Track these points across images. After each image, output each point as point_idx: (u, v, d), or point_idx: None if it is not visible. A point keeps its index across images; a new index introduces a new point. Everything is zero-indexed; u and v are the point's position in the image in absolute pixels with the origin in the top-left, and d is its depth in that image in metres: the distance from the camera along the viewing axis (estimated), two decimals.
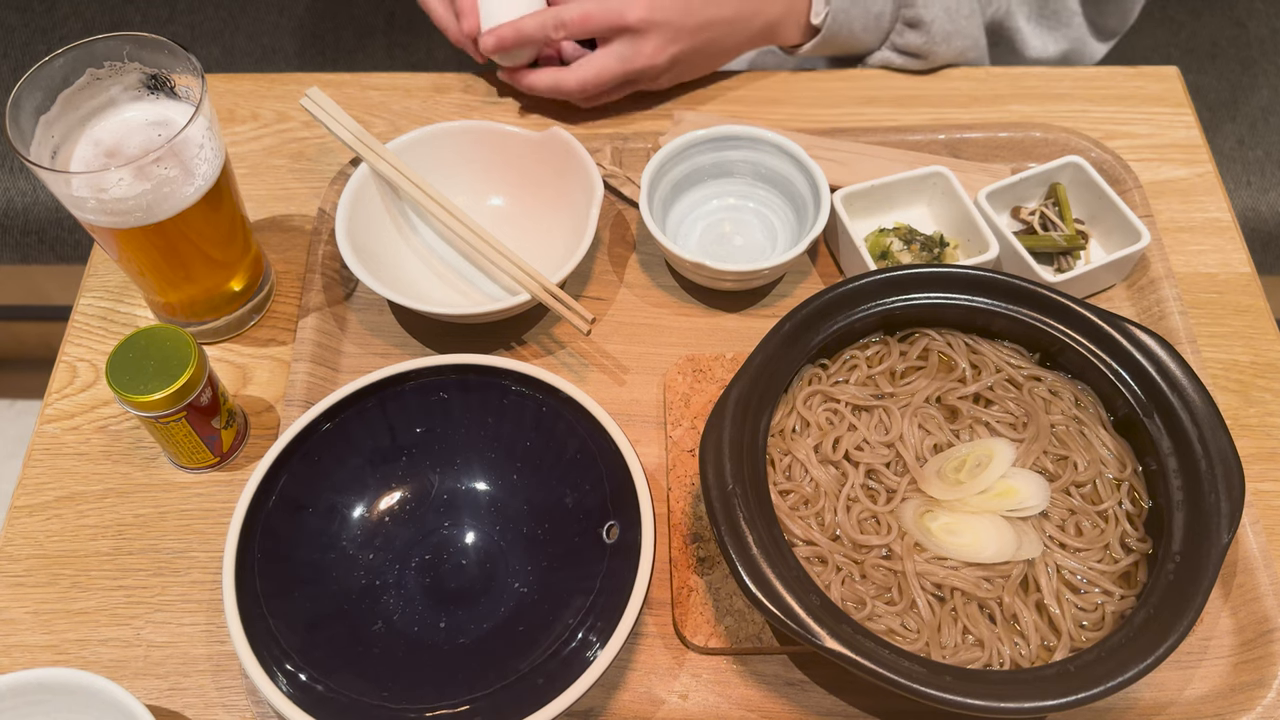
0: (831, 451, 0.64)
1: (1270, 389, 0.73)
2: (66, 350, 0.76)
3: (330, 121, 0.79)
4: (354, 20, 1.34)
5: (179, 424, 0.65)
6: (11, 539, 0.68)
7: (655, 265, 0.79)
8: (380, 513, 0.66)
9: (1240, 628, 0.64)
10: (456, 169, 0.80)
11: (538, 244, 0.78)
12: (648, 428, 0.72)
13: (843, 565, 0.60)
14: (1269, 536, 0.66)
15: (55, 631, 0.64)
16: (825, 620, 0.54)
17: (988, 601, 0.59)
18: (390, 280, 0.73)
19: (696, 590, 0.64)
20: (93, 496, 0.69)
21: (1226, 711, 0.61)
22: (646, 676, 0.62)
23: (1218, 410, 0.61)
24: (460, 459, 0.67)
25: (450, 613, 0.63)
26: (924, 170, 0.78)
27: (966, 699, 0.52)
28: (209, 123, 0.65)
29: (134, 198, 0.63)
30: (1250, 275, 0.79)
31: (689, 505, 0.67)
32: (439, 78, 0.90)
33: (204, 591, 0.66)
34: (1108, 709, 0.61)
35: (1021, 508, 0.61)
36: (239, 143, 0.86)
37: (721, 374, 0.72)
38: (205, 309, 0.74)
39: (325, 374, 0.74)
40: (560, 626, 0.60)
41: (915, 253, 0.76)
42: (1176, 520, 0.59)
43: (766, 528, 0.58)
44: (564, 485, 0.65)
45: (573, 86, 0.83)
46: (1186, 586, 0.56)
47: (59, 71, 0.65)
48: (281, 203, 0.83)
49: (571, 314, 0.71)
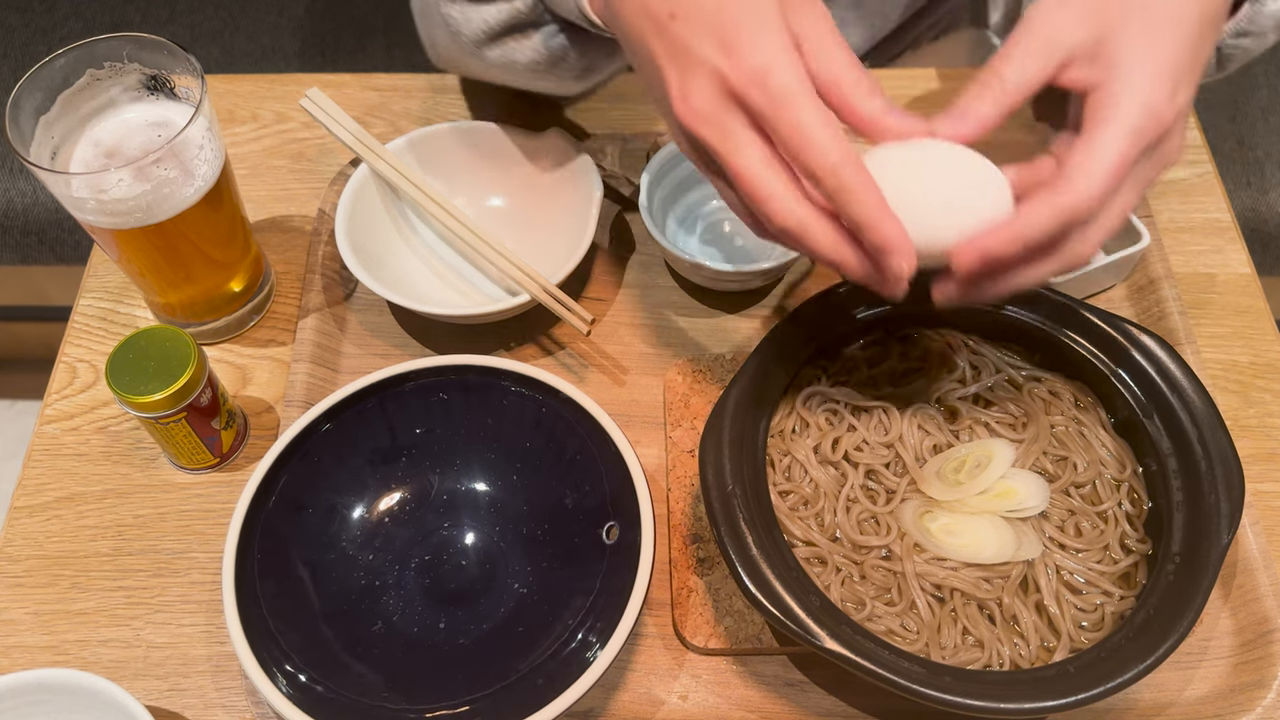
0: (831, 452, 0.64)
1: (1270, 390, 0.73)
2: (66, 351, 0.76)
3: (330, 122, 0.79)
4: (354, 20, 1.34)
5: (179, 425, 0.65)
6: (11, 539, 0.68)
7: (655, 265, 0.79)
8: (380, 513, 0.66)
9: (1240, 628, 0.64)
10: (456, 169, 0.80)
11: (538, 244, 0.78)
12: (648, 428, 0.72)
13: (842, 566, 0.60)
14: (1269, 537, 0.66)
15: (55, 632, 0.64)
16: (825, 621, 0.54)
17: (987, 602, 0.59)
18: (390, 281, 0.73)
19: (696, 591, 0.64)
20: (92, 497, 0.69)
21: (1226, 712, 0.61)
22: (646, 677, 0.62)
23: (1217, 411, 0.61)
24: (460, 459, 0.67)
25: (450, 613, 0.63)
26: None
27: (966, 699, 0.52)
28: (209, 123, 0.65)
29: (134, 198, 0.63)
30: (1250, 276, 0.79)
31: (689, 506, 0.67)
32: (439, 78, 0.90)
33: (204, 592, 0.66)
34: (1107, 709, 0.61)
35: (1021, 508, 0.61)
36: (239, 143, 0.86)
37: (721, 374, 0.72)
38: (205, 310, 0.74)
39: (325, 375, 0.74)
40: (560, 627, 0.60)
41: None
42: (1176, 521, 0.59)
43: (766, 528, 0.58)
44: (564, 486, 0.65)
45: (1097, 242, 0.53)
46: (1186, 587, 0.56)
47: (59, 72, 0.65)
48: (281, 203, 0.83)
49: (571, 314, 0.71)
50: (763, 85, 0.48)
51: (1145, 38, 0.52)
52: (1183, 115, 0.52)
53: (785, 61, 0.48)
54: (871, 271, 0.51)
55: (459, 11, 0.67)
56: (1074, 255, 0.52)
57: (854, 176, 0.48)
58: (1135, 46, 0.52)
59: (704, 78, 0.49)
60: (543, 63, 0.67)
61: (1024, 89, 0.53)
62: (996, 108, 0.52)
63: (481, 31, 0.67)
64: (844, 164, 0.48)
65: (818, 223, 0.50)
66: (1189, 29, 0.53)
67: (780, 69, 0.48)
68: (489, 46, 0.68)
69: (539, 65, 0.67)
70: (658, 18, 0.51)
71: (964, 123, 0.52)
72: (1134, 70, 0.51)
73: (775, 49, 0.49)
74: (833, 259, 0.51)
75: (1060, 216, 0.49)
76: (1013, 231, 0.49)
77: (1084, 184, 0.49)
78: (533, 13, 0.66)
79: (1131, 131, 0.50)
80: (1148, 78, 0.51)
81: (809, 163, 0.48)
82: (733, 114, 0.49)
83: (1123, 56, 0.52)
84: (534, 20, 0.66)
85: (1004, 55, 0.53)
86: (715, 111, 0.50)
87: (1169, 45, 0.52)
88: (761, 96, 0.48)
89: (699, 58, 0.50)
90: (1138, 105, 0.50)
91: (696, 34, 0.50)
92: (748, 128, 0.50)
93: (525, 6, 0.66)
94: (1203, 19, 0.54)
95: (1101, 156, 0.49)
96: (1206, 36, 0.55)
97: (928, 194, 0.51)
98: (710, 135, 0.50)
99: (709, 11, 0.50)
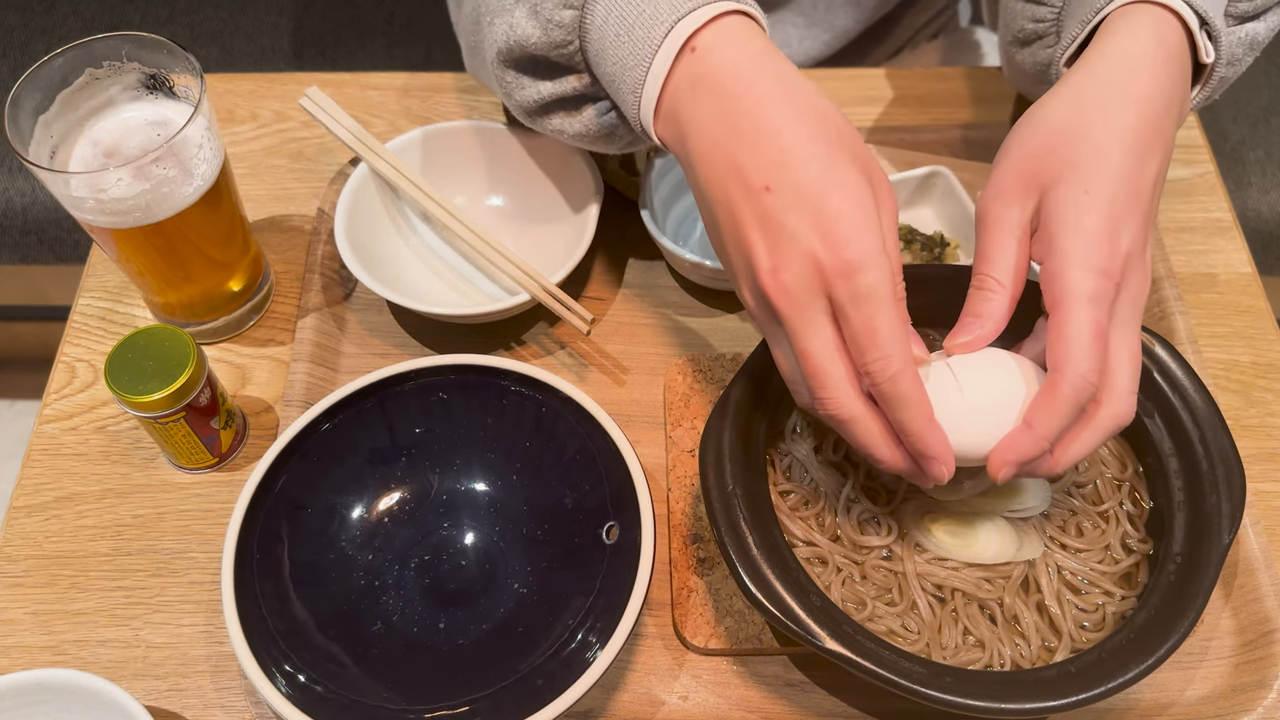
0: (832, 452, 0.63)
1: (1271, 389, 0.73)
2: (65, 350, 0.76)
3: (329, 121, 0.79)
4: (354, 20, 1.34)
5: (178, 424, 0.65)
6: (10, 539, 0.68)
7: (655, 265, 0.79)
8: (379, 513, 0.66)
9: (1241, 628, 0.64)
10: (456, 169, 0.80)
11: (537, 244, 0.78)
12: (648, 428, 0.72)
13: (843, 566, 0.60)
14: (1270, 537, 0.66)
15: (54, 632, 0.64)
16: (825, 621, 0.54)
17: (988, 602, 0.59)
18: (389, 280, 0.73)
19: (696, 591, 0.64)
20: (91, 497, 0.69)
21: (1227, 712, 0.61)
22: (646, 677, 0.62)
23: (1219, 410, 0.61)
24: (460, 459, 0.67)
25: (450, 613, 0.63)
26: (924, 170, 0.78)
27: (967, 700, 0.52)
28: (208, 122, 0.65)
29: (133, 198, 0.63)
30: (1251, 275, 0.79)
31: (689, 506, 0.67)
32: (439, 77, 0.90)
33: (203, 592, 0.66)
34: (1108, 710, 0.61)
35: (1023, 508, 0.61)
36: (238, 143, 0.86)
37: (721, 374, 0.72)
38: (204, 309, 0.74)
39: (324, 374, 0.74)
40: (560, 627, 0.60)
41: (916, 253, 0.76)
42: (1177, 521, 0.59)
43: (766, 528, 0.58)
44: (564, 486, 0.65)
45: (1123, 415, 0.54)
46: (1187, 587, 0.56)
47: (58, 71, 0.65)
48: (281, 203, 0.83)
49: (571, 314, 0.71)
50: (852, 280, 0.49)
51: (1072, 203, 0.53)
52: (1135, 252, 0.53)
53: (878, 263, 0.50)
54: (910, 469, 0.53)
55: (514, 79, 0.64)
56: (1114, 417, 0.53)
57: (910, 388, 0.50)
58: (1065, 216, 0.53)
59: (798, 258, 0.50)
60: (591, 135, 0.65)
61: (1018, 275, 0.55)
62: (1006, 302, 0.54)
63: (534, 102, 0.64)
64: (904, 373, 0.50)
65: (867, 419, 0.52)
66: (1123, 160, 0.53)
67: (872, 269, 0.50)
68: (539, 116, 0.65)
69: (586, 137, 0.65)
70: (752, 187, 0.51)
71: (983, 325, 0.54)
72: (1070, 239, 0.52)
73: (871, 249, 0.50)
74: (872, 453, 0.53)
75: (1066, 410, 0.51)
76: (1032, 437, 0.52)
77: (1073, 372, 0.50)
78: (589, 89, 0.63)
79: (1089, 301, 0.51)
80: (1084, 243, 0.52)
81: (871, 365, 0.50)
82: (818, 299, 0.51)
83: (1056, 228, 0.53)
84: (589, 95, 0.63)
85: (984, 259, 0.55)
86: (803, 292, 0.51)
87: (1100, 197, 0.53)
88: (847, 290, 0.50)
89: (793, 236, 0.50)
90: (1082, 273, 0.51)
91: (793, 212, 0.50)
92: (826, 314, 0.51)
93: (583, 85, 0.62)
94: (1140, 134, 0.54)
95: (1075, 340, 0.51)
96: (1155, 140, 0.55)
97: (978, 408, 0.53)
98: (791, 313, 0.51)
99: (809, 194, 0.50)
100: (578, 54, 0.61)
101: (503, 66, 0.64)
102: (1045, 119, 0.56)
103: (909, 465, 0.53)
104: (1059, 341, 0.51)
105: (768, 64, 0.54)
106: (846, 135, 0.53)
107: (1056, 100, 0.57)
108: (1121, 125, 0.54)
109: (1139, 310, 0.54)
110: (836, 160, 0.51)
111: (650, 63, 0.56)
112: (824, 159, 0.51)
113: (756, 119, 0.52)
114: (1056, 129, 0.55)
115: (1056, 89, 0.58)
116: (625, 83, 0.58)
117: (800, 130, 0.52)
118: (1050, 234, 0.53)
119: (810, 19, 0.94)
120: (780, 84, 0.53)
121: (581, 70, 0.62)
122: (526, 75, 0.64)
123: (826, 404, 0.52)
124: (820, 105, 0.53)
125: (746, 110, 0.53)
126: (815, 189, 0.50)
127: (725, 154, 0.53)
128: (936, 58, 1.07)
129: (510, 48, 0.62)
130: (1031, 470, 0.53)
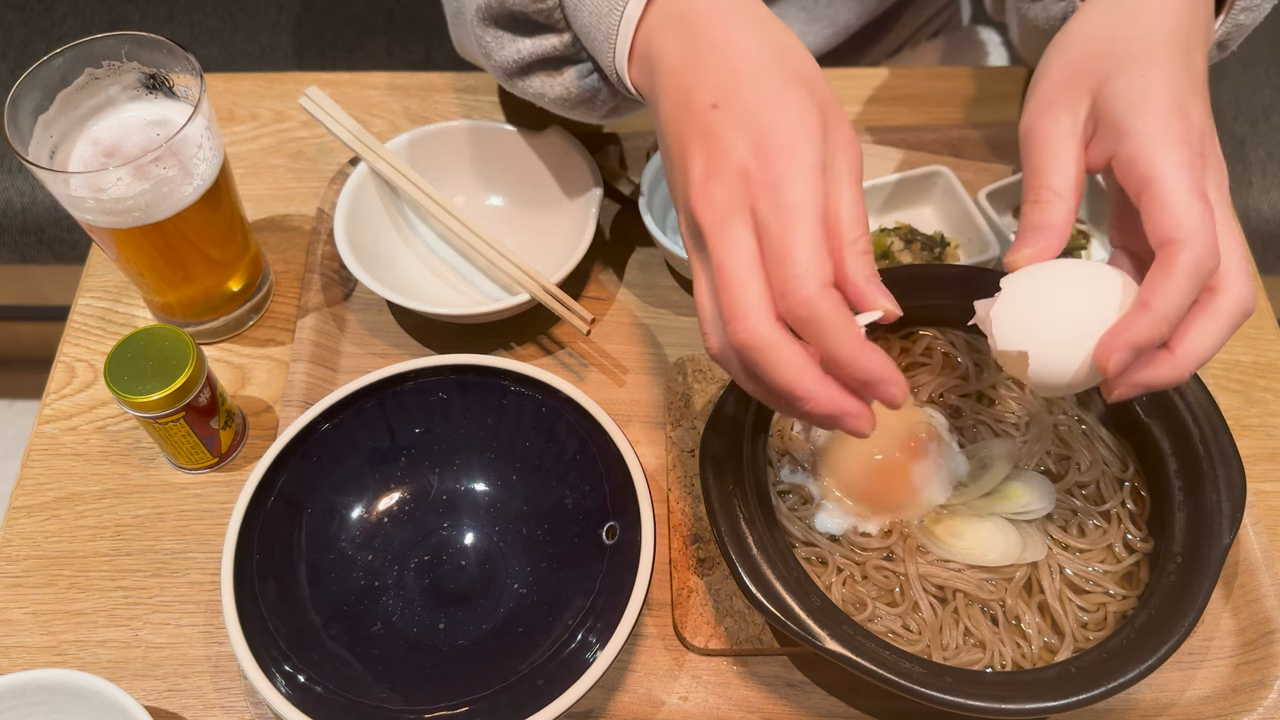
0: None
1: (1271, 389, 0.73)
2: (65, 350, 0.76)
3: (329, 121, 0.78)
4: (354, 20, 1.34)
5: (177, 424, 0.65)
6: (10, 540, 0.67)
7: (655, 265, 0.79)
8: (379, 513, 0.66)
9: (1242, 628, 0.63)
10: (456, 169, 0.80)
11: (537, 244, 0.78)
12: (648, 428, 0.72)
13: (844, 566, 0.60)
14: (1270, 537, 0.66)
15: (54, 632, 0.64)
16: (825, 621, 0.54)
17: (990, 603, 0.59)
18: (389, 280, 0.73)
19: (696, 591, 0.64)
20: (91, 497, 0.69)
21: (1228, 712, 0.60)
22: (646, 678, 0.62)
23: (1219, 410, 0.60)
24: (459, 459, 0.67)
25: (450, 614, 0.63)
26: (924, 170, 0.78)
27: (967, 700, 0.52)
28: (208, 122, 0.65)
29: (132, 197, 0.63)
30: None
31: (689, 506, 0.67)
32: (439, 77, 0.89)
33: (202, 592, 0.66)
34: (1109, 710, 0.61)
35: (1027, 511, 0.61)
36: (238, 142, 0.86)
37: (721, 374, 0.72)
38: (204, 309, 0.74)
39: (324, 374, 0.74)
40: (560, 627, 0.60)
41: (916, 252, 0.76)
42: (1178, 520, 0.59)
43: (766, 529, 0.58)
44: (563, 486, 0.65)
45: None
46: (1188, 587, 0.56)
47: (57, 71, 0.64)
48: (280, 202, 0.83)
49: (571, 314, 0.71)
50: (776, 192, 0.46)
51: (1133, 89, 0.51)
52: (1208, 131, 0.51)
53: (808, 180, 0.46)
54: (842, 408, 0.46)
55: (494, 38, 0.64)
56: (1237, 300, 0.48)
57: (831, 310, 0.45)
58: (1131, 100, 0.50)
59: (730, 169, 0.47)
60: (572, 99, 0.64)
61: (1076, 185, 0.52)
62: (1065, 213, 0.51)
63: (513, 62, 0.64)
64: (823, 296, 0.45)
65: (785, 345, 0.46)
66: (1173, 50, 0.52)
67: (800, 184, 0.46)
68: (519, 77, 0.65)
69: (567, 101, 0.65)
70: (697, 105, 0.49)
71: (1047, 237, 0.51)
72: (1143, 119, 0.49)
73: (804, 165, 0.46)
74: (795, 390, 0.46)
75: (1187, 284, 0.46)
76: (1150, 316, 0.46)
77: (1190, 239, 0.46)
78: (569, 49, 0.63)
79: (1184, 168, 0.48)
80: (1160, 118, 0.49)
81: (787, 283, 0.45)
82: (741, 211, 0.47)
83: (1124, 113, 0.50)
84: (569, 56, 0.63)
85: (1037, 172, 0.52)
86: (727, 203, 0.47)
87: (1161, 80, 0.51)
88: (770, 202, 0.46)
89: (730, 148, 0.48)
90: (1166, 145, 0.48)
91: (734, 126, 0.48)
92: (748, 228, 0.47)
93: (563, 44, 0.62)
94: (1182, 32, 0.53)
95: (1184, 207, 0.47)
96: (1195, 40, 0.54)
97: (1063, 320, 0.49)
98: (712, 224, 0.47)
99: (752, 108, 0.48)
100: (557, 10, 0.61)
101: (483, 25, 0.64)
102: (1083, 28, 0.54)
103: (840, 403, 0.46)
104: (1163, 215, 0.46)
105: (740, 2, 0.52)
106: (807, 70, 0.50)
107: (1090, 12, 0.55)
108: (1164, 20, 0.52)
109: (1226, 195, 0.50)
110: (789, 84, 0.49)
111: (624, 7, 0.55)
112: (775, 80, 0.49)
113: (718, 46, 0.50)
114: (1097, 33, 0.53)
115: (1085, 8, 0.56)
116: (600, 30, 0.57)
117: (759, 58, 0.50)
118: (1117, 121, 0.50)
119: (811, 13, 0.94)
120: (747, 18, 0.51)
121: (562, 29, 0.62)
122: (506, 33, 0.63)
123: (738, 329, 0.46)
124: (785, 40, 0.51)
125: (709, 39, 0.51)
126: (760, 104, 0.48)
127: (682, 82, 0.51)
128: (937, 56, 1.07)
129: (490, 4, 0.62)
130: (1151, 372, 0.48)
